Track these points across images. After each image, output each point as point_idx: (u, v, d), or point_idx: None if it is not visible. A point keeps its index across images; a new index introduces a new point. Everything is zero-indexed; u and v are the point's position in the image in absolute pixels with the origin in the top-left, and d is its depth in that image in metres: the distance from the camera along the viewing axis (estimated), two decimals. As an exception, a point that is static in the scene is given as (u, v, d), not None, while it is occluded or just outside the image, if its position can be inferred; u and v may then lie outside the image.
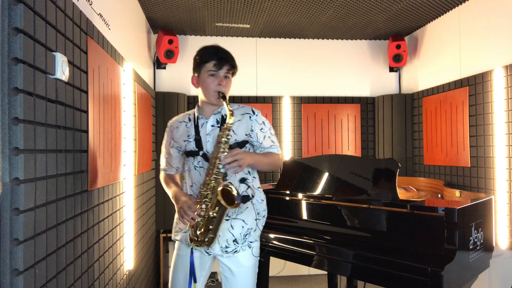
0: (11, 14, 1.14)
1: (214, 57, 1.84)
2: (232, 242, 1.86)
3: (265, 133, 1.93)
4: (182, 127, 1.96)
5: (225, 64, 1.84)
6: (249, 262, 1.89)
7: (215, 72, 1.83)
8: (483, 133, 3.14)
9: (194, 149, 1.88)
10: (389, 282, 2.07)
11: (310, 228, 2.57)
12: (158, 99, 3.95)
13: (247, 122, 1.90)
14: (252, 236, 1.90)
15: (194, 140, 1.88)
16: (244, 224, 1.87)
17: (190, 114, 1.99)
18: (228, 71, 1.86)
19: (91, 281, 1.83)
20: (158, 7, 3.48)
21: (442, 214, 2.02)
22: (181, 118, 2.01)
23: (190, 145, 1.90)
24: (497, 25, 3.01)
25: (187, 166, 1.95)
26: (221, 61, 1.83)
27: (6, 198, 1.13)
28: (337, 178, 2.61)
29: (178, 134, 1.95)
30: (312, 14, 3.67)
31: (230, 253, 1.85)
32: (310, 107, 4.39)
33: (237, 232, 1.86)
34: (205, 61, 1.85)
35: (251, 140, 1.91)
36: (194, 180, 1.90)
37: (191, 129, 1.92)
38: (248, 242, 1.88)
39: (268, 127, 1.97)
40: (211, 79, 1.84)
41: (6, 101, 1.13)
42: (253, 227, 1.91)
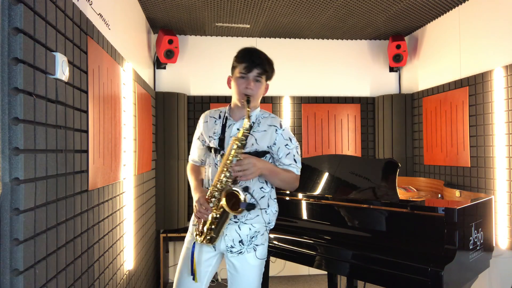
0: (11, 14, 1.14)
1: (246, 59, 1.84)
2: (238, 242, 1.86)
3: (290, 150, 1.89)
4: (212, 122, 1.99)
5: (255, 67, 1.82)
6: (254, 262, 1.89)
7: (244, 74, 1.83)
8: (483, 133, 3.14)
9: (217, 147, 1.90)
10: (389, 282, 2.07)
11: (310, 228, 2.57)
12: (158, 99, 3.95)
13: (272, 135, 1.87)
14: (259, 240, 1.89)
15: (218, 139, 1.90)
16: (251, 227, 1.88)
17: (222, 111, 2.00)
18: (259, 75, 1.84)
19: (91, 281, 1.83)
20: (158, 7, 3.48)
21: (442, 214, 2.02)
22: (213, 113, 2.02)
23: (214, 142, 1.92)
24: (497, 25, 3.01)
25: (208, 161, 1.98)
26: (251, 64, 1.82)
27: (6, 198, 1.13)
28: (337, 178, 2.61)
29: (207, 128, 1.99)
30: (312, 14, 3.67)
31: (235, 253, 1.87)
32: (310, 107, 4.39)
33: (244, 233, 1.87)
34: (238, 63, 1.86)
35: (272, 152, 1.89)
36: (212, 176, 1.93)
37: (219, 127, 1.94)
38: (253, 245, 1.88)
39: (294, 146, 1.91)
40: (240, 81, 1.84)
41: (6, 101, 1.13)
42: (261, 231, 1.91)
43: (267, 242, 1.97)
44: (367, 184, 2.47)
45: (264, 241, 1.92)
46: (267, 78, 1.90)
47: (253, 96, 1.83)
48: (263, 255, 1.92)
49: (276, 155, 1.89)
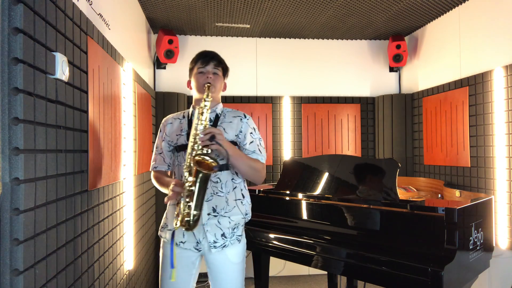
0: (11, 14, 1.14)
1: (200, 57, 1.96)
2: (221, 236, 1.86)
3: (253, 139, 1.95)
4: (176, 123, 2.01)
5: (210, 60, 1.94)
6: (237, 258, 1.90)
7: (202, 68, 1.93)
8: (483, 133, 3.14)
9: (185, 142, 1.89)
10: (389, 282, 2.07)
11: (310, 228, 2.57)
12: (158, 99, 3.95)
13: (238, 124, 1.94)
14: (240, 230, 1.94)
15: (186, 134, 1.92)
16: (230, 220, 1.90)
17: (185, 112, 2.05)
18: (216, 67, 1.94)
19: (91, 281, 1.83)
20: (158, 7, 3.48)
21: (442, 214, 2.02)
22: (176, 115, 2.07)
23: (182, 138, 1.93)
24: (497, 25, 3.01)
25: (177, 161, 1.96)
26: (206, 58, 1.94)
27: (6, 198, 1.13)
28: (337, 178, 2.61)
29: (172, 129, 2.00)
30: (312, 14, 3.67)
31: (219, 247, 1.85)
32: (310, 107, 4.39)
33: (225, 226, 1.88)
34: (194, 64, 1.97)
35: (239, 141, 1.93)
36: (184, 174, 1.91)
37: (185, 124, 1.97)
38: (236, 236, 1.90)
39: (258, 136, 1.98)
40: (199, 75, 1.93)
41: (6, 101, 1.13)
42: (241, 223, 1.95)
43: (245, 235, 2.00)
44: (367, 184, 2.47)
45: (243, 233, 1.98)
46: (223, 72, 1.99)
47: (214, 85, 1.89)
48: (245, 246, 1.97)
49: (242, 143, 1.93)
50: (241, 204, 1.94)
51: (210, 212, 1.86)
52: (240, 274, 1.92)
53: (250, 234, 2.80)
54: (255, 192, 2.96)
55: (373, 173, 2.49)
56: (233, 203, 1.92)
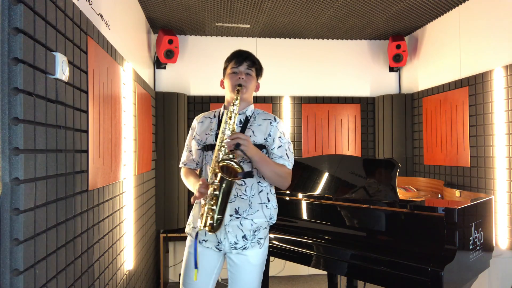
0: (11, 14, 1.14)
1: (234, 56, 1.96)
2: (241, 238, 1.86)
3: (282, 143, 1.92)
4: (207, 122, 2.01)
5: (244, 60, 1.93)
6: (257, 260, 1.89)
7: (235, 68, 1.92)
8: (483, 133, 3.14)
9: (213, 142, 1.90)
10: (389, 282, 2.07)
11: (310, 228, 2.57)
12: (158, 99, 3.95)
13: (267, 127, 1.91)
14: (262, 233, 1.90)
15: (215, 134, 1.92)
16: (253, 222, 1.88)
17: (216, 111, 2.05)
18: (249, 67, 1.93)
19: (91, 281, 1.83)
20: (158, 7, 3.48)
21: (442, 214, 2.02)
22: (207, 114, 2.07)
23: (211, 138, 1.93)
24: (497, 25, 3.01)
25: (205, 160, 1.97)
26: (239, 57, 1.93)
27: (6, 198, 1.13)
28: (337, 178, 2.61)
29: (202, 128, 2.00)
30: (312, 14, 3.67)
31: (239, 249, 1.86)
32: (310, 107, 4.39)
33: (247, 228, 1.87)
34: (228, 63, 1.97)
35: (267, 145, 1.91)
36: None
37: (215, 123, 1.97)
38: (257, 239, 1.89)
39: (287, 140, 1.94)
40: (232, 75, 1.92)
41: (6, 101, 1.13)
42: (263, 226, 1.92)
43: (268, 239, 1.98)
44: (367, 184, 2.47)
45: (266, 236, 1.95)
46: (257, 73, 1.98)
47: (245, 86, 1.89)
48: (266, 250, 1.94)
49: (270, 147, 1.91)
50: (265, 208, 1.92)
51: (232, 214, 1.85)
52: (257, 277, 1.91)
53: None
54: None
55: (373, 173, 2.49)
56: (257, 206, 1.89)
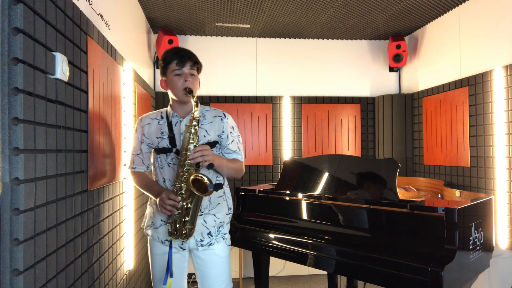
0: (11, 14, 1.14)
1: (175, 57, 1.91)
2: (207, 235, 1.92)
3: (233, 137, 2.01)
4: (154, 124, 1.99)
5: (187, 61, 1.90)
6: (224, 253, 1.97)
7: (179, 70, 1.90)
8: (483, 133, 3.14)
9: (168, 146, 1.92)
10: (389, 282, 2.07)
11: (310, 228, 2.57)
12: (158, 99, 3.95)
13: (219, 124, 1.97)
14: (225, 228, 2.00)
15: (168, 138, 1.92)
16: (216, 218, 1.95)
17: (162, 112, 2.03)
18: (192, 67, 1.92)
19: (91, 281, 1.83)
20: (158, 7, 3.48)
21: (442, 214, 2.02)
22: (152, 115, 2.04)
23: (164, 142, 1.93)
24: (497, 25, 3.01)
25: (158, 163, 1.97)
26: (182, 59, 1.90)
27: (6, 198, 1.13)
28: (337, 178, 2.61)
29: (151, 130, 1.98)
30: (312, 14, 3.67)
31: (206, 245, 1.92)
32: (310, 107, 4.39)
33: (211, 225, 1.93)
34: (168, 63, 1.92)
35: (221, 141, 1.97)
36: (167, 176, 1.94)
37: (164, 126, 1.96)
38: (222, 234, 1.97)
39: (236, 134, 2.04)
40: (177, 78, 1.90)
41: (6, 101, 1.13)
42: (226, 220, 2.00)
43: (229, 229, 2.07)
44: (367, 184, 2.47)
45: (228, 230, 2.04)
46: (198, 70, 1.97)
47: (193, 89, 1.90)
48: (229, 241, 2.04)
49: (224, 142, 1.97)
50: (223, 200, 2.00)
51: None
52: (227, 269, 1.99)
53: (250, 234, 2.80)
54: (255, 192, 2.96)
55: (373, 173, 2.49)
56: (217, 200, 1.97)
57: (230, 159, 1.98)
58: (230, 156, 1.99)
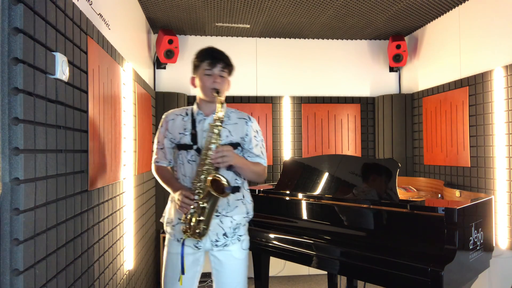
0: (11, 14, 1.14)
1: (208, 57, 1.92)
2: (222, 236, 1.91)
3: (257, 141, 2.00)
4: (179, 120, 1.99)
5: (218, 62, 1.91)
6: (240, 255, 1.95)
7: (209, 70, 1.91)
8: (483, 133, 3.14)
9: (189, 143, 1.92)
10: (389, 282, 2.07)
11: (310, 228, 2.57)
12: (158, 99, 3.95)
13: (243, 126, 1.96)
14: (241, 230, 1.97)
15: (190, 134, 1.92)
16: (232, 219, 1.93)
17: (188, 109, 2.03)
18: (223, 69, 1.92)
19: (91, 281, 1.83)
20: (158, 7, 3.48)
21: (442, 214, 2.02)
22: (178, 111, 2.05)
23: (186, 138, 1.93)
24: (497, 25, 3.01)
25: (179, 159, 1.97)
26: (214, 60, 1.91)
27: (6, 198, 1.13)
28: (337, 178, 2.61)
29: (174, 126, 1.99)
30: (312, 14, 3.67)
31: (220, 246, 1.91)
32: (310, 107, 4.39)
33: (227, 226, 1.92)
34: (200, 62, 1.94)
35: (243, 144, 1.96)
36: (187, 173, 1.94)
37: (188, 123, 1.96)
38: (237, 236, 1.94)
39: (260, 138, 2.03)
40: (206, 77, 1.91)
41: (6, 101, 1.13)
42: (242, 222, 1.98)
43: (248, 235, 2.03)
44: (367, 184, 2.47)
45: (246, 232, 2.01)
46: (229, 73, 1.98)
47: (221, 90, 1.90)
48: (247, 245, 2.00)
49: (247, 146, 1.96)
50: (242, 204, 1.97)
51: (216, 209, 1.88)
52: (243, 271, 1.96)
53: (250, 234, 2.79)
54: (255, 192, 2.96)
55: (373, 173, 2.49)
56: (235, 203, 1.95)
57: (253, 162, 1.96)
58: (252, 160, 1.97)
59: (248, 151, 1.96)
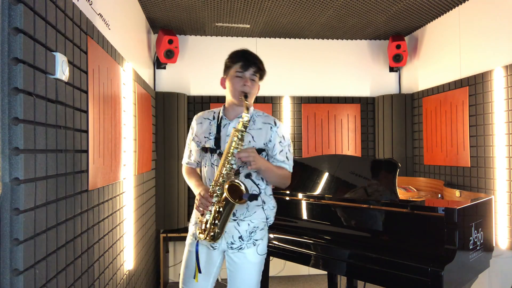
0: (11, 14, 1.14)
1: (241, 59, 1.91)
2: (238, 238, 1.90)
3: (283, 147, 1.96)
4: (206, 123, 2.00)
5: (251, 66, 1.90)
6: (255, 258, 1.92)
7: (241, 73, 1.89)
8: (483, 133, 3.14)
9: (212, 147, 1.93)
10: (389, 282, 2.07)
11: (310, 228, 2.57)
12: (158, 99, 3.95)
13: (267, 132, 1.94)
14: (258, 234, 1.93)
15: (214, 139, 1.93)
16: (250, 223, 1.92)
17: (215, 112, 2.03)
18: (255, 73, 1.91)
19: (91, 281, 1.83)
20: (158, 7, 3.48)
21: (442, 214, 2.02)
22: (206, 114, 2.05)
23: (210, 142, 1.94)
24: (497, 25, 3.01)
25: (204, 162, 2.00)
26: (247, 62, 1.89)
27: (6, 198, 1.13)
28: (337, 178, 2.61)
29: (201, 129, 2.00)
30: (312, 14, 3.67)
31: (235, 249, 1.90)
32: (310, 107, 4.39)
33: (243, 229, 1.91)
34: (232, 63, 1.92)
35: (267, 149, 1.95)
36: (209, 176, 1.96)
37: (214, 127, 1.97)
38: (253, 240, 1.91)
39: (287, 143, 1.99)
40: (236, 80, 1.90)
41: (6, 101, 1.13)
42: (260, 226, 1.94)
43: (267, 238, 2.00)
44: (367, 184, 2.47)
45: (263, 236, 1.96)
46: (260, 77, 1.97)
47: (250, 94, 1.90)
48: (263, 250, 1.96)
49: (271, 152, 1.94)
50: (261, 210, 1.96)
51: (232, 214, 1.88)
52: (256, 275, 1.94)
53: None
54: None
55: (373, 173, 2.49)
56: (254, 208, 1.94)
57: (278, 166, 1.94)
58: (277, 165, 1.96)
59: (272, 157, 1.95)
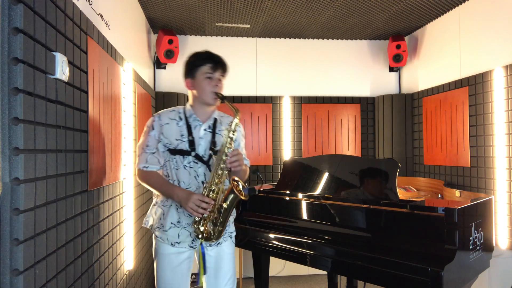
0: (11, 14, 1.14)
1: (209, 60, 1.94)
2: None
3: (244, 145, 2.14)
4: (173, 124, 1.94)
5: (220, 66, 1.95)
6: (231, 249, 2.06)
7: (211, 74, 1.93)
8: (483, 133, 3.14)
9: (187, 149, 1.91)
10: (389, 282, 2.07)
11: (310, 228, 2.57)
12: (158, 99, 3.95)
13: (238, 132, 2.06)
14: (231, 227, 2.07)
15: (188, 141, 1.92)
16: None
17: (180, 112, 1.98)
18: (222, 73, 1.97)
19: (91, 281, 1.83)
20: (158, 7, 3.48)
21: (442, 214, 2.02)
22: (170, 114, 1.97)
23: (183, 144, 1.91)
24: (497, 25, 3.01)
25: (173, 164, 1.91)
26: (216, 64, 1.94)
27: (6, 198, 1.13)
28: (337, 178, 2.61)
29: (170, 131, 1.92)
30: (312, 14, 3.67)
31: (214, 245, 1.98)
32: (310, 107, 4.39)
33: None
34: (200, 65, 1.95)
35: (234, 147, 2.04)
36: (182, 178, 1.90)
37: (183, 128, 1.94)
38: (228, 233, 2.03)
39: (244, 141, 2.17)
40: (207, 81, 1.93)
41: (6, 101, 1.13)
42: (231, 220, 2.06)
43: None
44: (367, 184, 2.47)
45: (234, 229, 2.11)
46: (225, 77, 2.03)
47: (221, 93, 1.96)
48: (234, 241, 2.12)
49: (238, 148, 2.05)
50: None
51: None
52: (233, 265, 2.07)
53: (250, 234, 2.80)
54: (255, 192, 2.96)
55: (373, 173, 2.49)
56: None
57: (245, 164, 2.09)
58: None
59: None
